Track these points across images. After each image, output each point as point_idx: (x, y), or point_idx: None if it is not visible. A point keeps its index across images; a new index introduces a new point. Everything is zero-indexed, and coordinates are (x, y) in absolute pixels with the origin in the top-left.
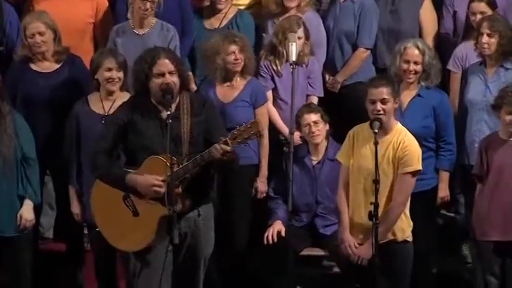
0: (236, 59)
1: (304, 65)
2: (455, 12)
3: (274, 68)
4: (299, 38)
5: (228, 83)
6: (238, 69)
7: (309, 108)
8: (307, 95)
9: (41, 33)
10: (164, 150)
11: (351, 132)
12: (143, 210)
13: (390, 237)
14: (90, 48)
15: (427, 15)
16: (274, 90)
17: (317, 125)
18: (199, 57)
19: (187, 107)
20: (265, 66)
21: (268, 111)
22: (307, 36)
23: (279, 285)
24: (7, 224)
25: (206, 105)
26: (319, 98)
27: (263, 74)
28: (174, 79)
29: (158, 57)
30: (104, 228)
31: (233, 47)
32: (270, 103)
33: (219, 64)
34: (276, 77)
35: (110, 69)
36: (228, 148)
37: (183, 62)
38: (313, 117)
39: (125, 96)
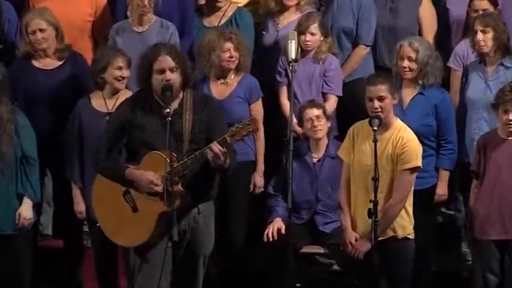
0: (231, 57)
1: (320, 62)
2: (447, 10)
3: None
4: (313, 34)
5: (222, 80)
6: (233, 66)
7: (311, 103)
8: (323, 93)
9: (41, 30)
10: (165, 147)
11: (351, 129)
12: (142, 206)
13: (390, 233)
14: (89, 46)
15: (427, 12)
16: (288, 85)
17: (319, 120)
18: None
19: (190, 104)
20: (281, 61)
21: (282, 106)
22: (324, 34)
23: (278, 282)
24: (5, 222)
25: (209, 103)
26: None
27: (279, 69)
28: (174, 76)
29: (159, 54)
30: (103, 223)
31: (228, 44)
32: (284, 98)
33: (213, 61)
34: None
35: (120, 68)
36: (216, 150)
37: (186, 58)
38: (316, 111)
39: (128, 94)
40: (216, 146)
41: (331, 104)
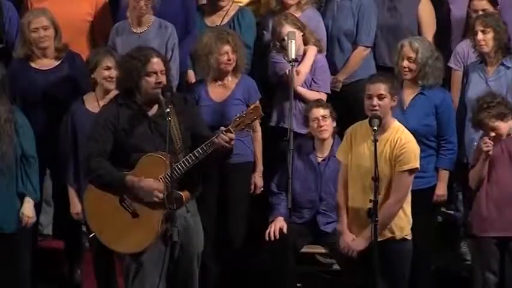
0: (229, 59)
1: None
2: (449, 9)
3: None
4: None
5: (220, 82)
6: (230, 68)
7: (317, 102)
8: (312, 91)
9: (44, 28)
10: (155, 149)
11: (348, 130)
12: (142, 210)
13: (388, 235)
14: (88, 46)
15: (426, 11)
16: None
17: (325, 119)
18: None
19: (171, 106)
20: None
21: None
22: (300, 28)
23: (278, 282)
24: (6, 221)
25: (188, 102)
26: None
27: (276, 57)
28: (164, 79)
29: (151, 56)
30: (101, 234)
31: (226, 47)
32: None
33: (211, 64)
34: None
35: (108, 68)
36: (233, 136)
37: (169, 62)
38: (322, 111)
39: None
40: (226, 134)
41: None
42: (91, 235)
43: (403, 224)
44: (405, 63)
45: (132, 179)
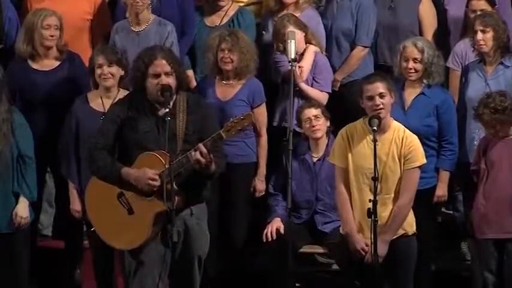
0: (225, 57)
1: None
2: (446, 10)
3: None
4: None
5: (226, 81)
6: (228, 68)
7: (309, 102)
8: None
9: (55, 28)
10: (159, 147)
11: (343, 132)
12: (138, 207)
13: (401, 232)
14: (88, 45)
15: (427, 11)
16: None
17: (318, 119)
18: (200, 54)
19: (183, 106)
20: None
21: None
22: (302, 29)
23: (277, 283)
24: (2, 221)
25: (202, 105)
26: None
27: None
28: (169, 80)
29: (155, 58)
30: (99, 227)
31: (223, 45)
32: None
33: (209, 60)
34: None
35: (100, 66)
36: (204, 150)
37: (181, 62)
38: (314, 111)
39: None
40: (197, 154)
41: (321, 101)
42: (91, 229)
43: (411, 220)
44: (410, 64)
45: (127, 171)
